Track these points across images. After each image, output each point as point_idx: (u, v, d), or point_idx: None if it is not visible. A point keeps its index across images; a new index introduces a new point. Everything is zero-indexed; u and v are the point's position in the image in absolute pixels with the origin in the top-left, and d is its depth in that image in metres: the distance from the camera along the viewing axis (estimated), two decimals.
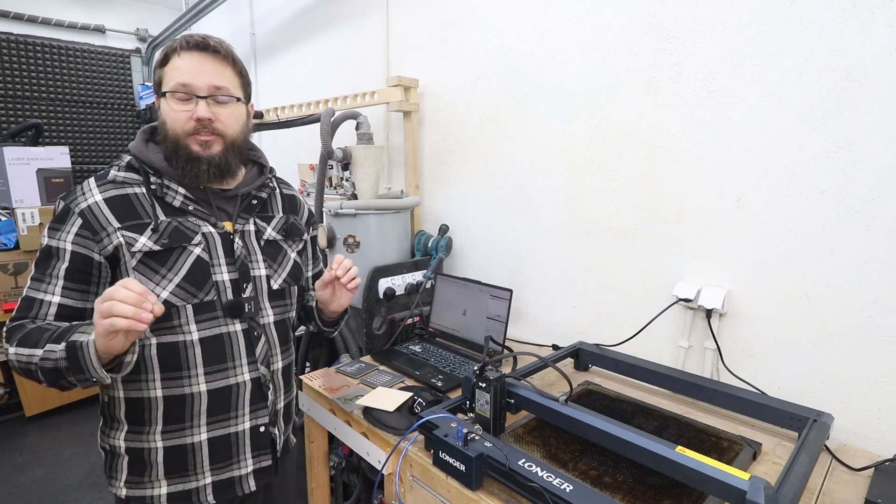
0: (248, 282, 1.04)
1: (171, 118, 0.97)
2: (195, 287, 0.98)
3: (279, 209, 1.17)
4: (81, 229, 0.93)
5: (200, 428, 1.00)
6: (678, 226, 1.45)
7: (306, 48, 2.98)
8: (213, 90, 0.97)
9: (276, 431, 1.10)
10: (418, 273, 1.97)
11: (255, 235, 1.08)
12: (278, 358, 1.11)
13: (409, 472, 1.13)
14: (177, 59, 0.96)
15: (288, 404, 1.17)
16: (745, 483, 0.77)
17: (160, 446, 0.99)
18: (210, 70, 0.97)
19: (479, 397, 1.11)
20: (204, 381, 0.99)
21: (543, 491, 0.86)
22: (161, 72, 0.98)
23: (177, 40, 0.98)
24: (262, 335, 1.07)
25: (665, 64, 1.42)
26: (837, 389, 1.20)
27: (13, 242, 2.98)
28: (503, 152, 1.91)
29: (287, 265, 1.13)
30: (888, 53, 1.07)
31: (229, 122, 1.00)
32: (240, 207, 1.07)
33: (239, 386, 1.02)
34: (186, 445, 0.99)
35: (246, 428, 1.04)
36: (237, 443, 1.04)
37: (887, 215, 1.10)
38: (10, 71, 3.94)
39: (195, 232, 0.99)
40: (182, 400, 0.98)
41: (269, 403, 1.08)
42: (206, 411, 1.00)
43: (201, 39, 0.97)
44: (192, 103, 0.96)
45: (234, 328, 1.02)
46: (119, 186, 0.97)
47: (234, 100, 1.01)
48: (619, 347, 1.53)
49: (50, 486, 2.44)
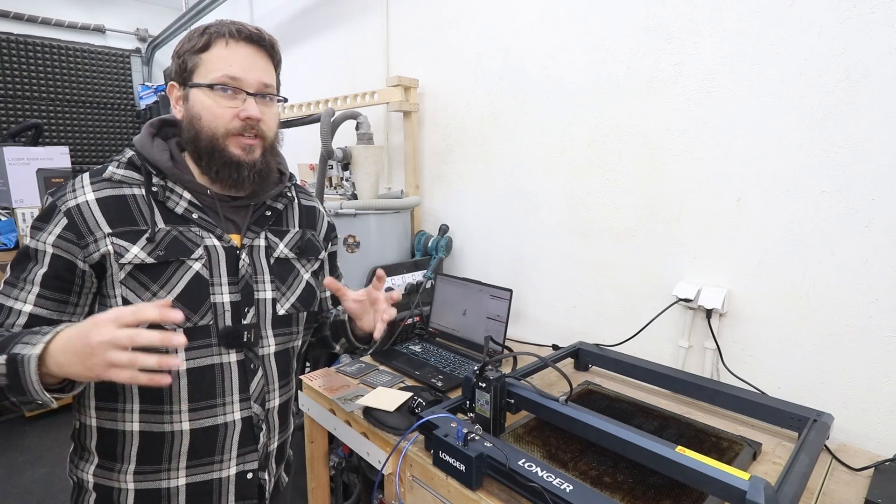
0: (251, 305, 0.91)
1: (213, 114, 0.85)
2: (190, 309, 0.84)
3: (295, 223, 1.03)
4: (65, 231, 0.80)
5: (179, 472, 0.87)
6: (678, 226, 1.45)
7: (306, 48, 2.98)
8: (262, 88, 0.88)
9: (265, 477, 0.96)
10: (418, 273, 1.97)
11: (265, 252, 0.95)
12: (275, 395, 0.96)
13: (409, 472, 1.13)
14: (223, 49, 0.85)
15: (282, 444, 1.03)
16: (745, 483, 0.77)
17: (132, 488, 0.86)
18: (262, 66, 0.88)
19: (479, 397, 1.11)
20: (187, 418, 0.86)
21: (543, 491, 0.86)
22: (197, 59, 0.85)
23: (224, 26, 0.86)
24: (260, 368, 0.93)
25: (665, 64, 1.42)
26: (837, 389, 1.20)
27: (13, 242, 2.99)
28: (503, 152, 1.91)
29: (297, 288, 0.99)
30: (888, 53, 1.07)
31: (272, 123, 0.92)
32: (251, 219, 0.94)
33: (227, 426, 0.89)
34: (161, 490, 0.87)
35: (231, 474, 0.90)
36: (220, 490, 0.90)
37: (887, 215, 1.10)
38: (10, 71, 3.94)
39: (196, 244, 0.87)
40: (161, 438, 0.85)
41: (259, 447, 0.93)
42: (187, 453, 0.87)
43: (255, 31, 0.87)
44: (238, 100, 0.86)
45: (229, 359, 0.88)
46: (116, 186, 0.85)
47: (276, 100, 0.93)
48: (619, 347, 1.53)
49: (50, 486, 2.44)
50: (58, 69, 4.17)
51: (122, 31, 4.56)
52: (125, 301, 0.81)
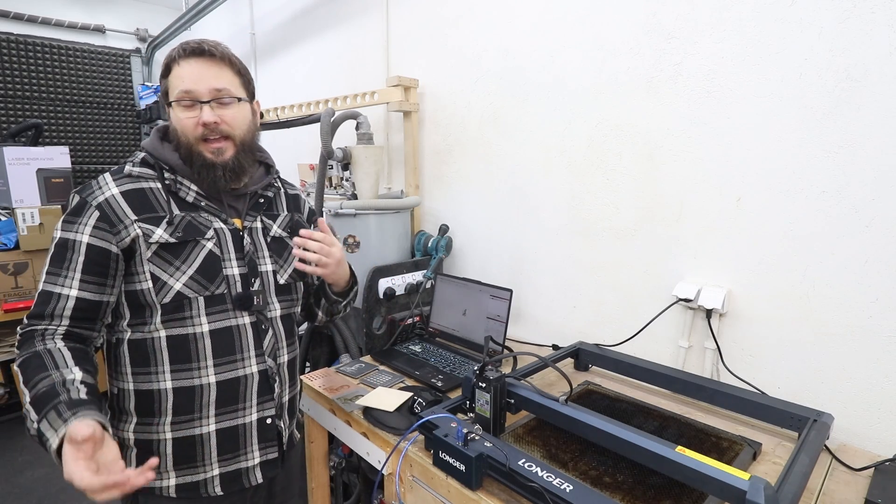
0: (257, 276, 1.08)
1: (181, 126, 1.00)
2: (207, 280, 1.01)
3: (284, 208, 1.20)
4: (99, 222, 0.95)
5: (209, 419, 1.01)
6: (678, 226, 1.45)
7: (306, 48, 2.98)
8: (214, 93, 1.00)
9: (281, 424, 1.12)
10: (418, 273, 1.97)
11: (263, 232, 1.12)
12: (284, 351, 1.13)
13: (409, 472, 1.13)
14: (177, 68, 0.99)
15: (293, 398, 1.18)
16: (745, 483, 0.77)
17: (169, 437, 1.00)
18: (209, 74, 1.00)
19: (479, 397, 1.11)
20: (213, 372, 1.01)
21: (543, 491, 0.86)
22: (165, 82, 1.02)
23: (175, 49, 1.00)
24: (270, 328, 1.09)
25: (665, 64, 1.42)
26: (837, 389, 1.20)
27: (13, 242, 2.98)
28: (503, 152, 1.91)
29: (292, 261, 1.15)
30: (888, 53, 1.07)
31: (235, 122, 1.03)
32: (248, 205, 1.11)
33: (247, 378, 1.04)
34: (195, 437, 1.01)
35: (253, 420, 1.06)
36: (245, 434, 1.05)
37: (887, 215, 1.10)
38: (10, 71, 3.94)
39: (207, 227, 1.03)
40: (192, 391, 1.00)
41: (275, 396, 1.09)
42: (215, 402, 1.01)
43: (196, 45, 0.99)
44: (196, 109, 0.99)
45: (243, 321, 1.05)
46: (135, 181, 1.00)
47: (236, 100, 1.03)
48: (619, 347, 1.53)
49: (50, 486, 2.44)
50: (58, 69, 4.16)
51: (122, 31, 4.56)
52: (153, 276, 0.97)
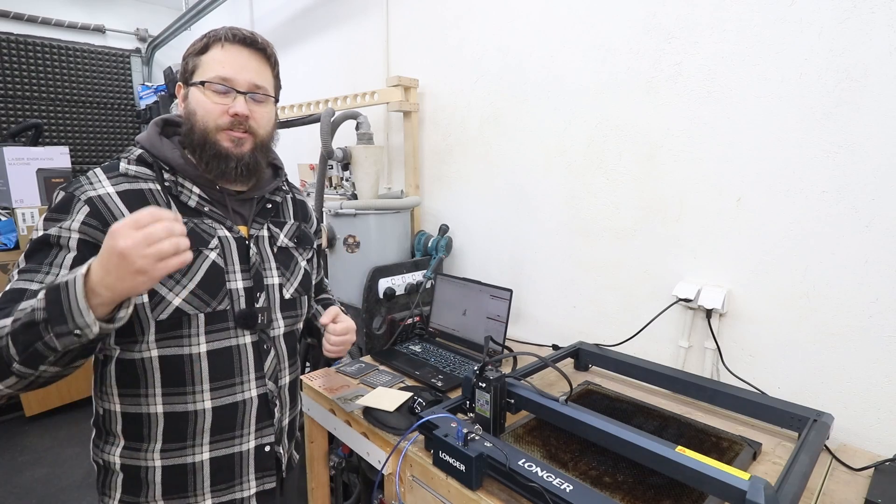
0: (262, 290, 0.99)
1: (205, 109, 0.91)
2: (209, 295, 0.91)
3: (291, 215, 1.13)
4: (89, 217, 0.83)
5: (203, 447, 0.93)
6: (678, 226, 1.45)
7: (306, 48, 2.98)
8: (252, 87, 0.94)
9: (280, 450, 1.05)
10: (418, 273, 1.97)
11: (269, 242, 1.04)
12: (286, 372, 1.06)
13: (409, 472, 1.13)
14: (219, 51, 0.92)
15: (292, 420, 1.12)
16: (745, 483, 0.77)
17: (158, 465, 0.92)
18: (253, 67, 0.94)
19: (479, 397, 1.11)
20: (209, 397, 0.93)
21: (543, 491, 0.86)
22: (197, 60, 0.93)
23: (221, 31, 0.93)
24: (272, 348, 1.01)
25: (665, 64, 1.42)
26: (837, 389, 1.20)
27: (13, 242, 2.99)
28: (503, 152, 1.91)
29: (299, 274, 1.09)
30: (888, 53, 1.07)
31: (262, 121, 0.97)
32: (255, 211, 1.02)
33: (245, 403, 0.97)
34: (187, 465, 0.93)
35: (251, 447, 0.98)
36: (241, 463, 0.98)
37: (887, 215, 1.10)
38: (10, 71, 3.94)
39: (211, 235, 0.93)
40: (185, 417, 0.91)
41: (274, 421, 1.02)
42: (210, 430, 0.93)
43: (249, 35, 0.93)
44: (229, 98, 0.92)
45: (244, 340, 0.96)
46: (132, 181, 0.90)
47: (270, 99, 0.98)
48: (619, 347, 1.53)
49: (50, 486, 2.44)
50: (58, 69, 4.16)
51: (122, 32, 4.56)
52: (151, 289, 0.85)
